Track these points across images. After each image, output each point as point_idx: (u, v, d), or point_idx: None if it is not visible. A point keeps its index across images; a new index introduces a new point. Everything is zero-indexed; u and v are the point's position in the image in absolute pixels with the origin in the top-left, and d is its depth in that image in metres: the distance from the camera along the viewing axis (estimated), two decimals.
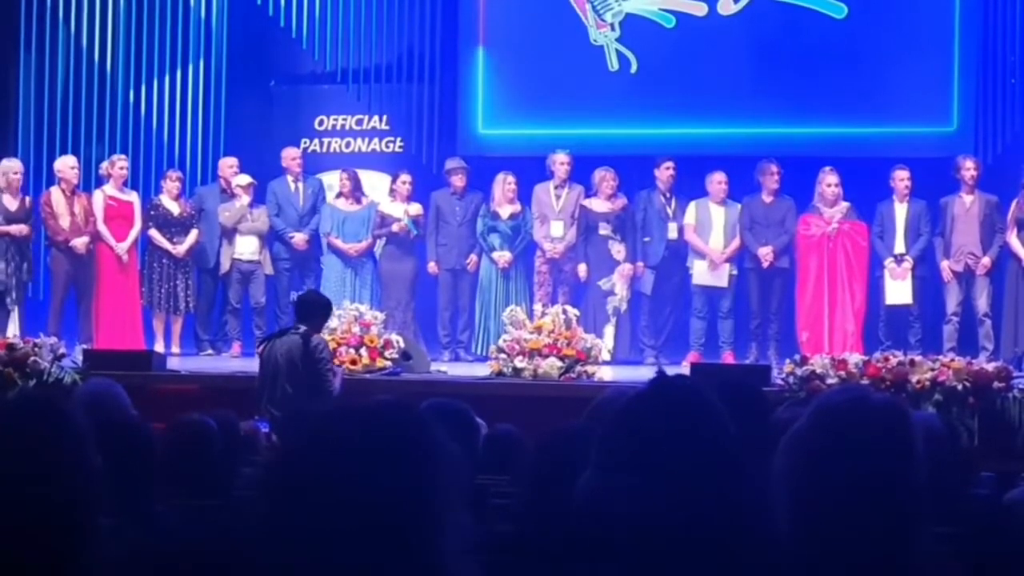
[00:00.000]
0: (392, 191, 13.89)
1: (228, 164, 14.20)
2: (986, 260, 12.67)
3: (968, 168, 12.78)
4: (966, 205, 12.79)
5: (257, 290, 13.87)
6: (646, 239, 13.51)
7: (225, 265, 13.85)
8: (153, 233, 13.62)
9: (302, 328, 9.27)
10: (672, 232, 13.46)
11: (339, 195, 13.97)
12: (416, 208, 13.68)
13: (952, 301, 12.80)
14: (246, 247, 13.82)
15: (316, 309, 9.47)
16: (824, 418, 2.69)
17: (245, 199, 13.78)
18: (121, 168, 13.73)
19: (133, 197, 13.72)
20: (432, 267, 13.81)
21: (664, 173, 13.52)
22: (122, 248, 13.43)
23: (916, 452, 2.70)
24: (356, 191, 13.96)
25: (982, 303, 12.69)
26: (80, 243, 13.23)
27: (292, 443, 1.96)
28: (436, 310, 13.85)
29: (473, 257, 13.73)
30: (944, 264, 12.80)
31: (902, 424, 2.71)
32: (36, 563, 2.37)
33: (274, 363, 9.17)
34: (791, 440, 2.68)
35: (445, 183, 14.01)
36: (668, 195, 13.56)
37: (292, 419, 7.02)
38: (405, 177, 13.86)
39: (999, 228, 12.70)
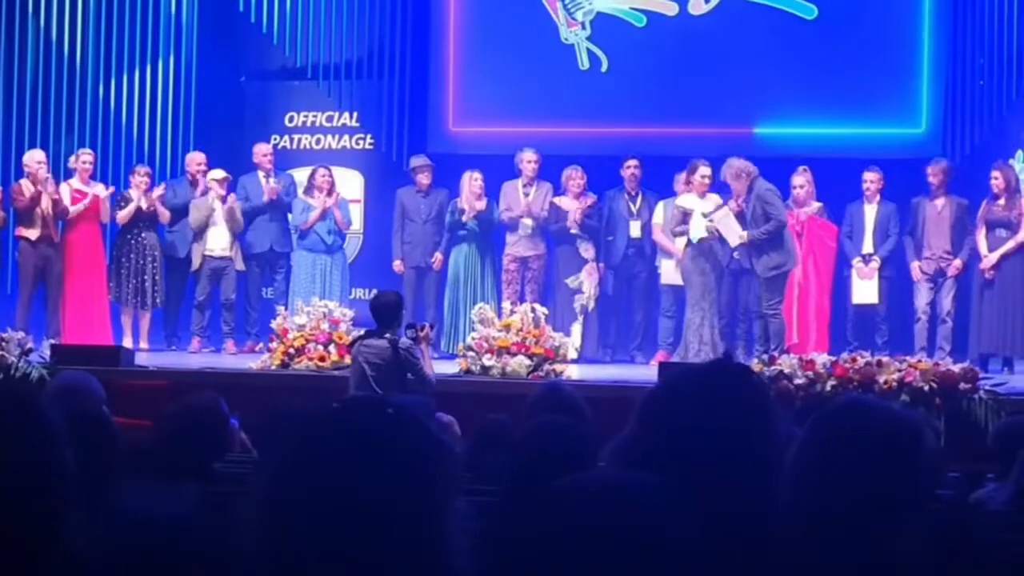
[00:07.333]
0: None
1: (196, 160, 14.11)
2: (958, 262, 12.65)
3: (933, 173, 12.76)
4: (937, 208, 12.78)
5: (228, 286, 13.77)
6: (609, 238, 13.51)
7: (196, 261, 13.77)
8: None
9: (387, 334, 9.37)
10: (634, 230, 13.46)
11: (311, 189, 13.82)
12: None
13: (922, 301, 12.81)
14: (217, 242, 13.71)
15: (394, 310, 9.55)
16: (832, 425, 2.69)
17: (220, 193, 13.63)
18: (84, 162, 13.62)
19: (99, 190, 13.63)
20: (397, 265, 13.79)
21: (626, 172, 13.53)
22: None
23: (923, 468, 2.70)
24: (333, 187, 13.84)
25: (947, 303, 12.70)
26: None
27: (294, 443, 2.01)
28: None
29: (438, 255, 13.70)
30: (914, 264, 12.81)
31: (914, 442, 2.70)
32: (3, 557, 2.36)
33: (360, 364, 9.38)
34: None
35: (411, 181, 13.95)
36: (632, 193, 13.57)
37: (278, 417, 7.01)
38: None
39: (970, 230, 12.70)
